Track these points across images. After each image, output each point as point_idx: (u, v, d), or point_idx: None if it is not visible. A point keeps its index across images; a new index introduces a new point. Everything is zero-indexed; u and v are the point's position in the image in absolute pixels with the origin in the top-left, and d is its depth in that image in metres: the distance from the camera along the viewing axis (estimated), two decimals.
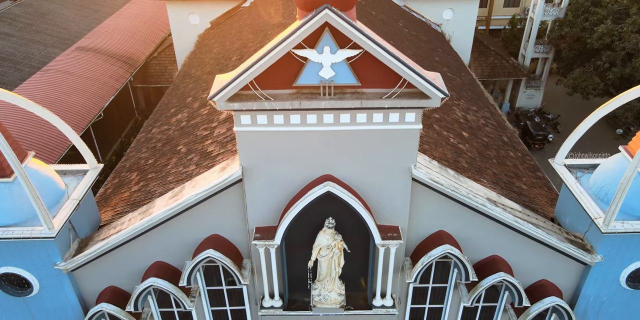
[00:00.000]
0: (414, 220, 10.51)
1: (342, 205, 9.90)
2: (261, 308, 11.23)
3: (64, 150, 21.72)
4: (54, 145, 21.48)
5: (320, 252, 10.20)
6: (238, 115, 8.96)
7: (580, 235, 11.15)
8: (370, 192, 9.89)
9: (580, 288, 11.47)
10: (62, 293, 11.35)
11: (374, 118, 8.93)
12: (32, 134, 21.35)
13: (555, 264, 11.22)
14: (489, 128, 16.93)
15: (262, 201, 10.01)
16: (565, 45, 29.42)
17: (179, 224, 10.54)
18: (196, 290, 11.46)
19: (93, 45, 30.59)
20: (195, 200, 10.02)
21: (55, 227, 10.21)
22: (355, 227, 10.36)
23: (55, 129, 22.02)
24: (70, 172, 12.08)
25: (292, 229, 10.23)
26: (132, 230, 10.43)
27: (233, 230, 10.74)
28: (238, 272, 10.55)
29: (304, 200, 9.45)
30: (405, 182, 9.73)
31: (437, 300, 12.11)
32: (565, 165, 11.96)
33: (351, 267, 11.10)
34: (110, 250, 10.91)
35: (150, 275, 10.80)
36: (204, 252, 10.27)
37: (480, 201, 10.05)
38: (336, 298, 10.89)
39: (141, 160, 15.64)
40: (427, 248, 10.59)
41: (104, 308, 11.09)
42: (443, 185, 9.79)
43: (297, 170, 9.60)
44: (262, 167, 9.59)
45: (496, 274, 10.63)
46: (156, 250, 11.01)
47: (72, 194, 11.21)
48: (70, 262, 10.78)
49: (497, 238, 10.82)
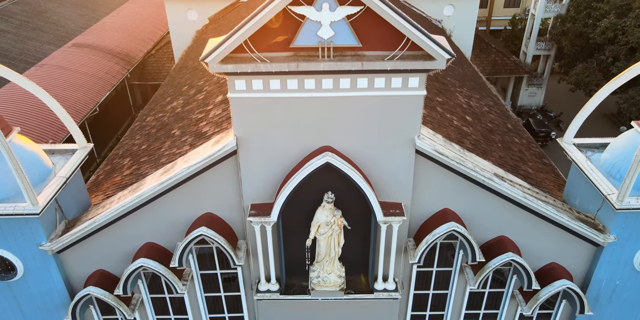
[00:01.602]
0: (417, 197, 10.00)
1: (342, 180, 9.40)
2: (257, 292, 10.67)
3: (59, 140, 21.28)
4: (51, 134, 21.06)
5: (319, 230, 9.67)
6: (232, 80, 8.49)
7: (592, 216, 10.63)
8: (371, 166, 9.39)
9: (592, 272, 10.93)
10: (48, 277, 10.79)
11: (375, 83, 8.47)
12: (28, 126, 20.89)
13: (565, 246, 10.69)
14: (492, 115, 16.47)
15: (257, 175, 9.51)
16: (568, 42, 29.07)
17: (170, 201, 10.03)
18: (189, 274, 10.91)
19: (90, 42, 30.23)
20: (187, 174, 9.52)
21: (40, 203, 9.68)
22: (356, 204, 9.85)
23: (52, 120, 21.60)
24: (59, 152, 11.58)
25: (289, 207, 9.72)
26: (121, 207, 9.91)
27: (227, 209, 10.22)
28: (232, 252, 10.02)
29: (301, 173, 8.95)
30: (408, 154, 9.24)
31: (442, 285, 11.56)
32: (574, 144, 11.48)
33: (351, 250, 10.57)
34: (98, 230, 10.39)
35: (140, 257, 10.26)
36: (197, 230, 9.74)
37: (488, 175, 9.54)
38: (336, 280, 10.33)
39: (134, 146, 15.16)
40: (431, 227, 10.06)
41: (91, 292, 10.53)
42: (448, 158, 9.30)
43: (294, 141, 9.11)
44: (257, 138, 9.10)
45: (504, 254, 10.10)
46: (147, 230, 10.48)
47: (60, 172, 10.70)
48: (55, 243, 10.24)
49: (504, 217, 10.30)
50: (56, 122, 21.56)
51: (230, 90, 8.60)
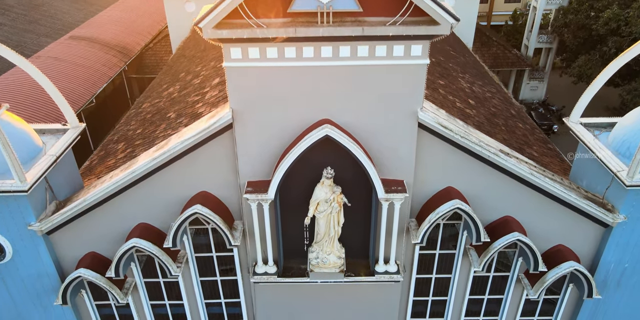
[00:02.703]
0: (419, 175, 9.64)
1: (342, 156, 9.06)
2: (254, 274, 10.30)
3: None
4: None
5: (318, 208, 9.31)
6: (227, 48, 8.14)
7: (600, 196, 10.27)
8: (372, 140, 9.04)
9: (600, 254, 10.57)
10: (38, 259, 10.42)
11: (376, 51, 8.12)
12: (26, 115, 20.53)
13: (572, 227, 10.34)
14: (495, 100, 16.14)
15: (254, 151, 9.16)
16: (570, 34, 28.74)
17: (163, 179, 9.68)
18: (183, 256, 10.55)
19: (87, 35, 29.90)
20: (181, 149, 9.17)
21: (28, 180, 9.32)
22: (356, 182, 9.50)
23: (51, 109, 21.25)
24: (50, 131, 11.23)
25: (287, 185, 9.38)
26: (112, 185, 9.56)
27: (223, 187, 9.86)
28: (228, 231, 9.66)
29: (300, 146, 8.60)
30: (410, 128, 8.89)
31: (445, 269, 11.20)
32: (581, 123, 11.14)
33: (352, 231, 10.21)
34: (89, 210, 10.03)
35: (133, 237, 9.90)
36: (191, 208, 9.39)
37: (493, 150, 9.20)
38: (335, 261, 9.96)
39: (129, 131, 14.82)
40: (434, 206, 9.70)
41: (82, 274, 10.16)
42: (452, 131, 8.95)
43: (292, 114, 8.76)
44: (254, 111, 8.76)
45: (510, 234, 9.74)
46: (140, 210, 10.12)
47: (50, 150, 10.35)
48: (45, 223, 9.88)
49: (510, 196, 9.95)
50: (53, 111, 21.18)
51: (226, 59, 8.26)
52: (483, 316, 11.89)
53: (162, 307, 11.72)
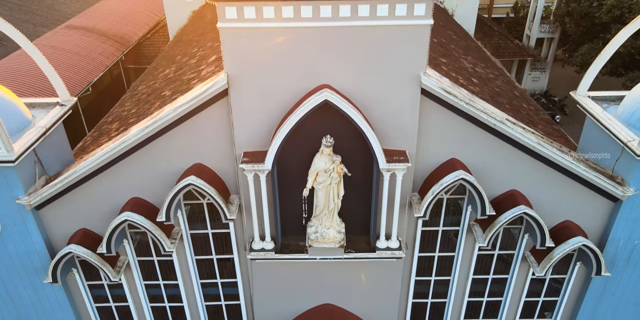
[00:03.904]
0: (422, 146, 9.29)
1: (342, 125, 8.72)
2: (250, 251, 9.94)
3: None
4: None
5: (317, 179, 8.95)
6: (222, 7, 7.79)
7: (609, 170, 9.92)
8: (373, 107, 8.68)
9: (609, 230, 10.22)
10: (27, 236, 10.07)
11: (378, 10, 7.76)
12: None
13: (580, 202, 9.99)
14: (499, 82, 15.79)
15: (250, 119, 8.81)
16: (572, 23, 28.40)
17: (157, 150, 9.32)
18: (178, 233, 10.19)
19: (83, 25, 29.55)
20: (174, 116, 8.82)
21: (16, 150, 8.96)
22: (357, 154, 9.14)
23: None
24: (40, 105, 10.89)
25: (285, 156, 9.03)
26: (103, 155, 9.21)
27: (219, 159, 9.51)
28: (224, 204, 9.30)
29: (298, 112, 8.24)
30: (413, 94, 8.53)
31: (448, 247, 10.84)
32: (588, 97, 10.80)
33: (352, 206, 9.86)
34: (80, 183, 9.68)
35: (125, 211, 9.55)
36: (185, 179, 9.04)
37: (499, 118, 8.85)
38: (335, 235, 9.60)
39: (124, 112, 14.49)
40: (437, 179, 9.34)
41: (73, 250, 9.81)
42: (457, 97, 8.60)
43: (290, 79, 8.41)
44: (250, 76, 8.40)
45: (516, 207, 9.39)
46: (132, 184, 9.77)
47: (39, 122, 10.00)
48: (34, 196, 9.52)
49: (515, 168, 9.59)
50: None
51: (220, 20, 7.91)
52: (487, 297, 11.53)
53: (157, 288, 11.36)
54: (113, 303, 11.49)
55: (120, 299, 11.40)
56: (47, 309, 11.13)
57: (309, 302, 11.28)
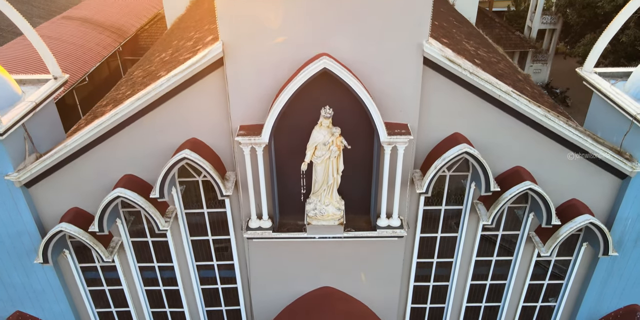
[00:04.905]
0: (424, 120, 9.00)
1: (341, 98, 8.44)
2: (247, 229, 9.64)
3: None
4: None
5: (316, 152, 8.65)
6: None
7: (617, 146, 9.62)
8: (374, 78, 8.38)
9: (616, 209, 9.92)
10: (17, 215, 9.77)
11: None
12: None
13: (587, 179, 9.70)
14: (501, 65, 15.50)
15: (247, 90, 8.51)
16: (574, 13, 28.11)
17: (150, 124, 9.03)
18: (172, 211, 9.89)
19: (80, 15, 29.27)
20: (168, 86, 8.53)
21: (4, 123, 8.67)
22: (357, 127, 8.85)
23: None
24: (30, 82, 10.60)
25: (282, 129, 8.73)
26: (94, 127, 8.92)
27: (214, 134, 9.22)
28: (220, 180, 9.01)
29: (296, 81, 7.94)
30: (415, 62, 8.24)
31: (451, 228, 10.54)
32: (595, 72, 10.52)
33: (352, 183, 9.56)
34: (71, 159, 9.38)
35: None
36: (179, 153, 8.74)
37: (504, 88, 8.55)
38: (334, 212, 9.30)
39: (119, 95, 14.17)
40: (440, 154, 9.04)
41: (64, 228, 9.51)
42: (461, 66, 8.30)
43: (287, 47, 8.11)
44: (246, 44, 8.10)
45: (522, 183, 9.09)
46: (125, 160, 9.47)
47: (29, 97, 9.70)
48: (23, 173, 9.22)
49: (521, 143, 9.29)
50: None
51: None
52: (491, 280, 11.23)
53: (152, 271, 11.06)
54: (107, 286, 11.19)
55: (114, 282, 11.09)
56: (38, 292, 10.83)
57: (307, 285, 10.98)
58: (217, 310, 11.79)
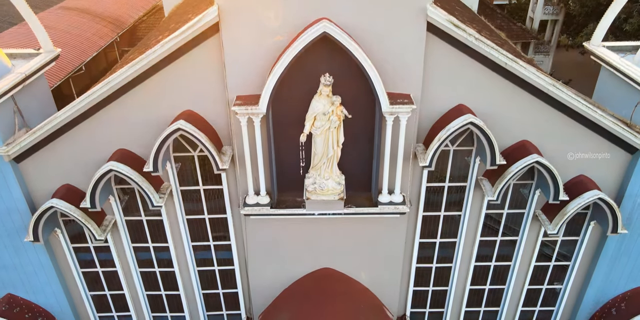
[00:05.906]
0: (427, 90, 8.68)
1: (342, 66, 8.13)
2: (244, 206, 9.32)
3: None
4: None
5: (315, 123, 8.33)
6: None
7: (626, 119, 9.31)
8: (376, 45, 8.06)
9: (626, 186, 9.61)
10: (7, 191, 9.47)
11: None
12: None
13: (595, 154, 9.37)
14: (505, 48, 15.14)
15: (243, 57, 8.19)
16: (577, 3, 27.77)
17: (144, 94, 8.72)
18: (167, 188, 9.57)
19: (78, 6, 28.97)
20: (161, 53, 8.21)
21: None
22: (357, 97, 8.54)
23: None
24: (21, 56, 10.33)
25: (281, 100, 8.42)
26: (86, 98, 8.61)
27: (211, 106, 8.90)
28: (216, 153, 8.70)
29: (294, 47, 7.63)
30: (419, 28, 7.93)
31: (455, 206, 10.23)
32: (604, 46, 10.22)
33: (352, 160, 9.25)
34: (62, 133, 9.07)
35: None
36: (174, 124, 8.44)
37: (511, 56, 8.24)
38: (334, 187, 8.98)
39: None
40: (443, 126, 8.72)
41: (55, 204, 9.20)
42: (466, 32, 8.00)
43: (285, 12, 7.80)
44: (242, 8, 7.79)
45: (528, 156, 8.78)
46: (118, 133, 9.15)
47: (19, 70, 9.40)
48: (13, 146, 8.91)
49: (527, 115, 8.98)
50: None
51: None
52: (495, 261, 10.92)
53: (146, 251, 10.74)
54: (100, 268, 10.87)
55: (107, 264, 10.78)
56: (29, 273, 10.52)
57: (307, 266, 10.67)
58: (214, 293, 11.47)
